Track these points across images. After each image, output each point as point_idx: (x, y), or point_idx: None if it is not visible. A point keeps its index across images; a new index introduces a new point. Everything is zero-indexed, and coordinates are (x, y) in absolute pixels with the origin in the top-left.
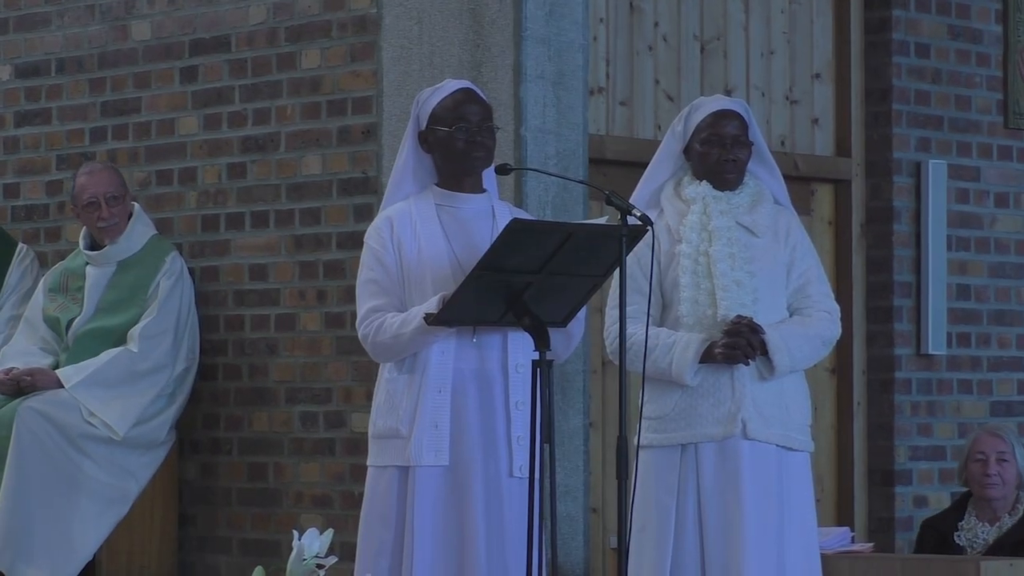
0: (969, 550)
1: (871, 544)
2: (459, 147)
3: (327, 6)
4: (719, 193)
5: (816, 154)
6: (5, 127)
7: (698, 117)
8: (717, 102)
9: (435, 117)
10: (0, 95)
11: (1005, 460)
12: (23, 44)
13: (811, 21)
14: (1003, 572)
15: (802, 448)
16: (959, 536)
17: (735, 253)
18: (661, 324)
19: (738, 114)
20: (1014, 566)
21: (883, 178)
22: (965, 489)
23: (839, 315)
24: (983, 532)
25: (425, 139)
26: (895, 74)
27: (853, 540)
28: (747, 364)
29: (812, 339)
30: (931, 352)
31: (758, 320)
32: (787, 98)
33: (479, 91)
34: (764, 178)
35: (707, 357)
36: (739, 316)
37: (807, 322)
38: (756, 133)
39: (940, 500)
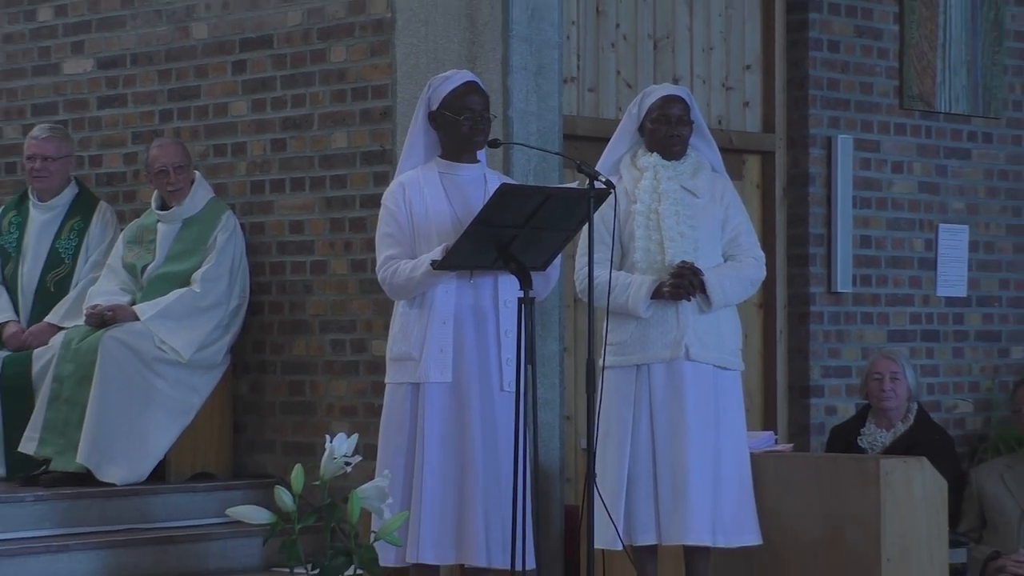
0: (870, 451)
1: (791, 445)
2: (464, 131)
3: (351, 11)
4: (667, 163)
5: (747, 131)
6: (89, 109)
7: (650, 101)
8: (665, 89)
9: (445, 103)
10: (85, 83)
11: (897, 378)
12: (103, 41)
13: (743, 22)
14: (898, 468)
15: (734, 368)
16: (861, 440)
17: (680, 211)
18: (620, 268)
19: (682, 99)
20: (907, 463)
21: (801, 150)
22: (866, 402)
23: (764, 261)
24: (881, 436)
25: (434, 119)
26: (811, 65)
27: (776, 442)
28: (689, 300)
29: (742, 280)
30: (839, 290)
31: (698, 265)
32: (723, 85)
33: (480, 83)
34: (704, 150)
35: (657, 294)
36: (683, 261)
37: (738, 266)
38: (697, 114)
39: (846, 410)
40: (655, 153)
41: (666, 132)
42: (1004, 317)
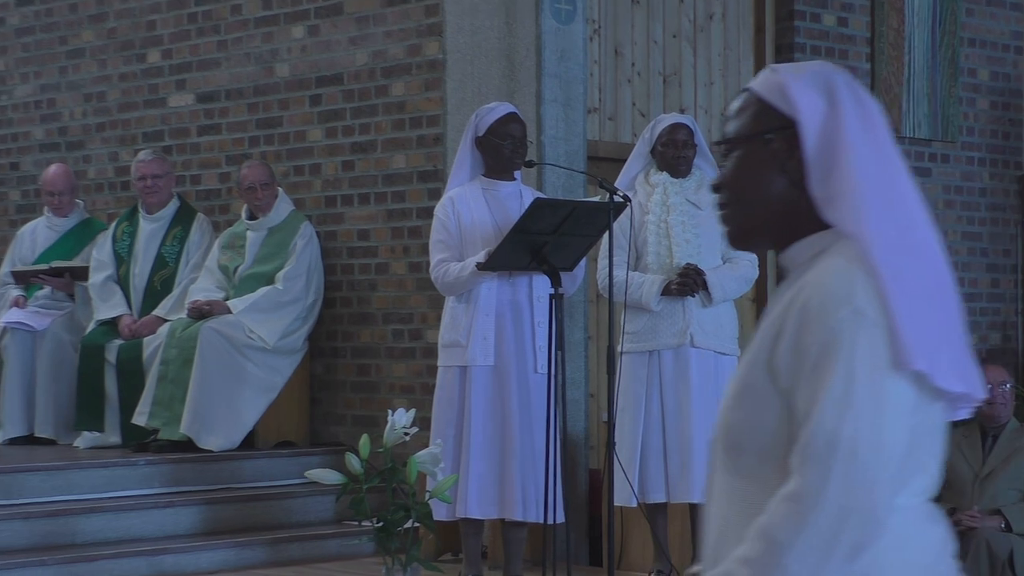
0: None
1: None
2: (506, 154)
3: (409, 53)
4: (675, 180)
5: None
6: (190, 136)
7: (660, 128)
8: (673, 117)
9: (491, 130)
10: (187, 115)
11: None
12: (202, 79)
13: (739, 61)
14: None
15: (732, 353)
16: None
17: (685, 221)
18: (635, 269)
19: (688, 126)
20: None
21: None
22: None
23: (757, 262)
24: None
25: (480, 143)
26: None
27: None
28: (693, 296)
29: (739, 279)
30: None
31: (701, 266)
32: (722, 115)
33: (520, 113)
34: (706, 169)
35: (666, 291)
36: (688, 263)
37: (735, 267)
38: (700, 139)
39: None
40: (665, 172)
41: (674, 154)
42: None
